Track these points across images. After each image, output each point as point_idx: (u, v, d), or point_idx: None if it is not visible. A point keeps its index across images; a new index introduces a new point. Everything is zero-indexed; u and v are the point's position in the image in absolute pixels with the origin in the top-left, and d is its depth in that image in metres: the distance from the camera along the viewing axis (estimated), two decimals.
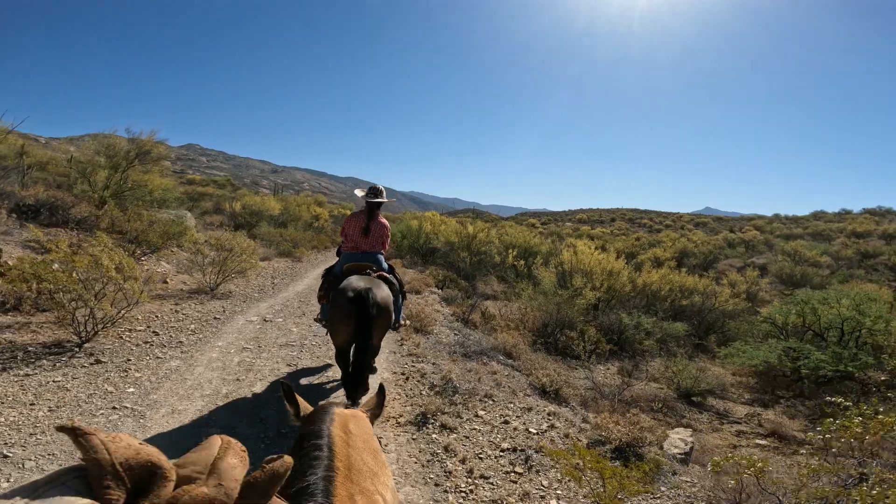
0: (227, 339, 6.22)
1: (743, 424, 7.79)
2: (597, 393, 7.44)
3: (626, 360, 10.35)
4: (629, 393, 7.84)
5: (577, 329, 9.96)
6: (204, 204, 23.32)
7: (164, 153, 12.74)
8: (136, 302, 5.61)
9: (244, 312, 7.66)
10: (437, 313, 9.08)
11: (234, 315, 7.42)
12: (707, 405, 8.42)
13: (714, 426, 7.60)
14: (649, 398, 7.95)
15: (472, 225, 19.05)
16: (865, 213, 38.43)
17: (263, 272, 11.83)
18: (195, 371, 5.04)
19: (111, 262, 5.02)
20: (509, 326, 9.49)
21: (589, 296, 10.05)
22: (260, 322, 7.14)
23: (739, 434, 7.34)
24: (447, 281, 13.69)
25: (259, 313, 7.67)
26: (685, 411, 7.89)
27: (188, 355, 5.49)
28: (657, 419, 7.40)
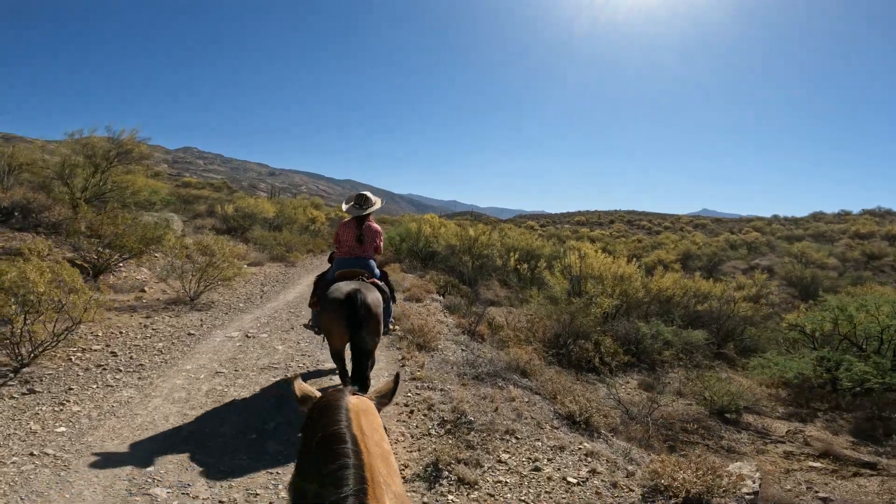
0: (198, 360, 5.23)
1: (787, 443, 6.86)
2: (624, 413, 6.49)
3: (644, 372, 9.42)
4: (659, 413, 6.89)
5: (592, 339, 9.02)
6: (198, 207, 22.31)
7: (146, 152, 11.74)
8: (78, 321, 4.61)
9: (225, 326, 6.66)
10: (441, 324, 8.11)
11: (212, 330, 6.42)
12: (743, 423, 7.48)
13: (758, 447, 6.66)
14: (682, 418, 7.00)
15: (474, 227, 18.10)
16: (865, 214, 37.68)
17: (253, 279, 10.84)
18: (151, 403, 4.06)
19: (40, 277, 4.01)
20: (519, 338, 8.53)
21: (605, 304, 9.10)
22: (241, 338, 6.15)
23: (788, 456, 6.41)
24: (449, 287, 12.72)
25: (242, 327, 6.68)
26: (722, 431, 6.96)
27: (147, 382, 4.51)
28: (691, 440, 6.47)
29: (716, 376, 8.07)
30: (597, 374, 8.75)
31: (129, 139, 11.47)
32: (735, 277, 21.64)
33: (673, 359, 9.71)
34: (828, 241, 29.86)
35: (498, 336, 8.49)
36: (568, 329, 8.86)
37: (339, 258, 4.37)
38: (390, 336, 6.68)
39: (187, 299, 7.75)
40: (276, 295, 9.30)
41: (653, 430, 6.08)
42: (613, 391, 6.93)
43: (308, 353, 5.80)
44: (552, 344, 9.10)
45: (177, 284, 7.88)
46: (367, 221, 4.40)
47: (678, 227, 41.60)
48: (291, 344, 6.12)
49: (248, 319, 7.14)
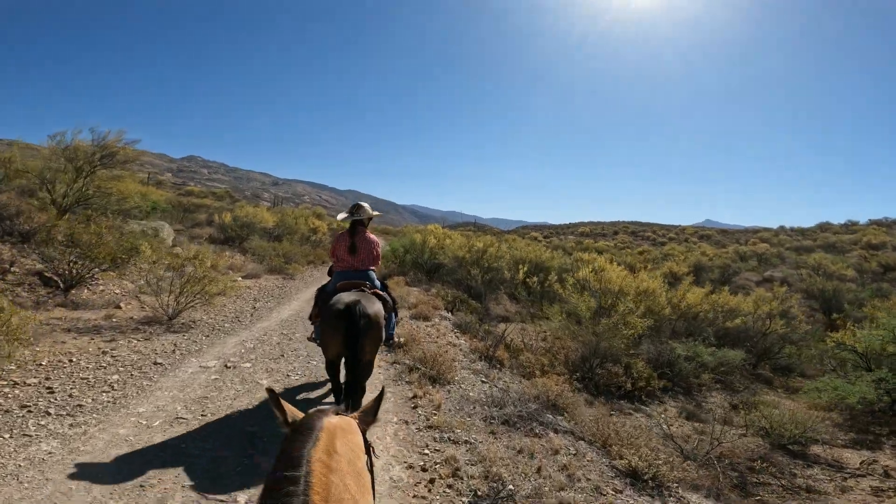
0: (158, 400, 4.09)
1: (869, 477, 5.70)
2: (678, 452, 5.34)
3: (681, 398, 8.25)
4: (718, 450, 5.72)
5: (622, 363, 7.87)
6: (198, 216, 21.27)
7: (133, 155, 10.68)
8: None
9: (201, 353, 5.52)
10: (454, 348, 6.97)
11: (185, 358, 5.28)
12: (810, 455, 6.31)
13: (838, 484, 5.49)
14: (745, 455, 5.83)
15: (481, 239, 17.00)
16: (872, 225, 36.55)
17: (246, 293, 9.71)
18: (73, 462, 2.92)
19: None
20: (542, 364, 7.38)
21: (637, 324, 7.95)
22: (218, 370, 5.00)
23: (878, 492, 5.25)
24: (457, 302, 11.58)
25: (222, 354, 5.53)
26: (791, 466, 5.79)
27: (80, 431, 3.37)
28: (762, 481, 5.30)
29: (771, 403, 6.91)
30: (629, 401, 7.60)
31: (114, 141, 10.42)
32: (753, 290, 20.49)
33: (712, 382, 8.56)
34: (839, 252, 28.69)
35: (518, 360, 7.35)
36: (594, 351, 7.71)
37: (338, 271, 4.24)
38: (398, 368, 5.55)
39: (165, 318, 6.63)
40: (268, 312, 8.16)
41: (721, 472, 4.92)
42: (663, 427, 5.75)
43: (294, 385, 4.67)
44: (575, 367, 7.96)
45: (152, 301, 6.76)
46: (362, 233, 4.26)
47: (683, 238, 40.48)
48: (279, 377, 4.97)
49: (232, 344, 6.00)
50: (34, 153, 11.76)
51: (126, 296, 7.86)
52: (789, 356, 10.09)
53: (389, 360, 5.77)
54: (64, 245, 8.11)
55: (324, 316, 3.69)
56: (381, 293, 4.13)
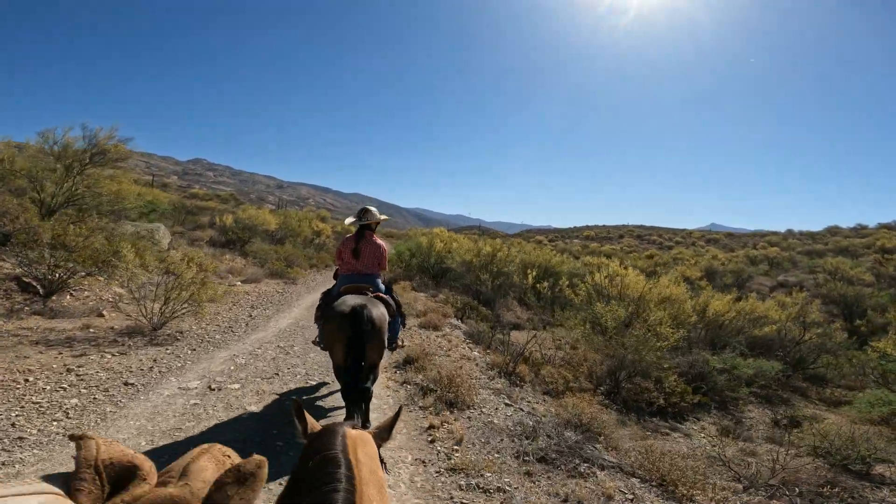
0: (118, 432, 3.32)
1: None
2: (733, 478, 4.55)
3: (715, 413, 7.46)
4: (780, 474, 4.92)
5: (652, 376, 7.08)
6: (200, 218, 20.60)
7: (125, 154, 9.98)
8: None
9: (184, 371, 4.76)
10: (469, 362, 6.20)
11: (163, 377, 4.52)
12: (874, 475, 5.50)
13: None
14: (809, 478, 5.02)
15: (489, 242, 16.23)
16: (883, 228, 35.57)
17: (244, 299, 8.97)
18: None
19: None
20: (566, 380, 6.59)
21: (671, 335, 7.15)
22: (200, 392, 4.24)
23: None
24: (467, 309, 10.81)
25: (207, 372, 4.77)
26: (860, 489, 4.99)
27: (13, 472, 2.62)
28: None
29: (817, 418, 6.13)
30: (662, 419, 6.82)
31: (106, 139, 9.73)
32: (768, 295, 19.71)
33: (749, 395, 7.75)
34: (852, 256, 27.78)
35: (540, 375, 6.56)
36: (621, 365, 6.92)
37: (343, 274, 4.16)
38: (409, 389, 4.78)
39: (149, 329, 5.89)
40: (266, 321, 7.41)
41: None
42: (718, 452, 4.95)
43: (286, 416, 3.90)
44: (599, 381, 7.19)
45: (135, 310, 6.02)
46: (369, 237, 4.16)
47: (690, 242, 39.58)
48: (272, 402, 4.21)
49: (221, 359, 5.24)
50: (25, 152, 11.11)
51: (112, 303, 7.13)
52: (826, 366, 9.27)
53: (399, 380, 5.01)
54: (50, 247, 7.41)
55: (327, 318, 3.62)
56: (385, 297, 4.02)
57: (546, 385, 6.37)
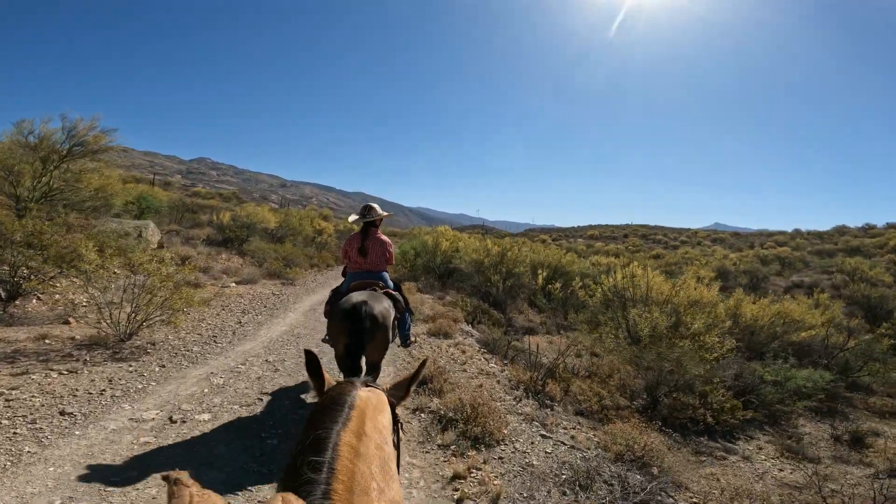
0: (27, 484, 2.37)
1: None
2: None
3: (767, 429, 6.50)
4: None
5: (696, 391, 6.12)
6: (200, 216, 19.68)
7: (105, 144, 9.02)
8: None
9: (144, 395, 3.80)
10: (489, 378, 5.24)
11: (115, 404, 3.56)
12: None
13: None
14: None
15: (498, 241, 15.26)
16: (891, 228, 34.48)
17: (235, 302, 8.01)
18: None
19: None
20: (601, 397, 5.62)
21: (720, 346, 6.18)
22: (156, 427, 3.28)
23: None
24: (478, 313, 9.85)
25: (173, 398, 3.81)
26: None
27: None
28: None
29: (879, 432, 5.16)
30: (711, 438, 5.86)
31: (86, 129, 8.79)
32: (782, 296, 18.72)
33: (802, 409, 6.78)
34: (864, 255, 26.73)
35: (570, 392, 5.60)
36: (660, 379, 5.96)
37: (351, 272, 4.11)
38: (423, 419, 3.81)
39: (115, 340, 4.94)
40: (256, 328, 6.45)
41: None
42: (815, 481, 3.98)
43: (277, 446, 2.95)
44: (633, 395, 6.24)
45: (95, 318, 5.07)
46: (374, 234, 4.07)
47: (696, 242, 38.54)
48: (250, 436, 3.24)
49: (194, 379, 4.28)
50: None
51: (88, 307, 6.18)
52: (872, 374, 8.28)
53: (410, 407, 4.04)
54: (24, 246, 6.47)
55: (332, 315, 3.63)
56: (393, 293, 3.96)
57: (578, 403, 5.41)
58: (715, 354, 5.97)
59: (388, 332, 3.41)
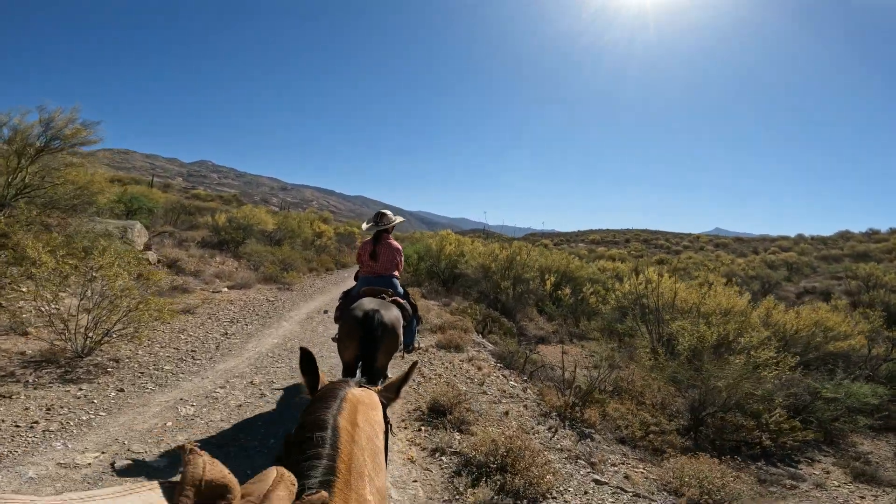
0: None
1: None
2: None
3: (826, 450, 5.63)
4: None
5: (747, 410, 5.26)
6: (198, 218, 18.83)
7: (85, 137, 8.16)
8: None
9: (87, 429, 2.93)
10: (514, 402, 4.38)
11: (43, 442, 2.68)
12: None
13: None
14: None
15: (504, 246, 14.42)
16: (895, 234, 33.73)
17: (223, 310, 7.14)
18: None
19: None
20: (645, 423, 4.76)
21: (781, 362, 5.31)
22: (92, 476, 2.40)
23: None
24: (488, 321, 8.99)
25: (123, 434, 2.93)
26: None
27: None
28: None
29: None
30: (767, 462, 5.00)
31: (66, 121, 7.94)
32: (795, 303, 17.89)
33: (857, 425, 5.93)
34: (872, 261, 25.94)
35: (602, 411, 4.73)
36: (708, 399, 5.10)
37: (362, 276, 4.16)
38: (446, 466, 2.95)
39: (71, 356, 4.08)
40: (245, 340, 5.58)
41: None
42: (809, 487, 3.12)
43: None
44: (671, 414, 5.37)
45: (47, 332, 4.21)
46: (386, 240, 4.15)
47: (699, 247, 37.75)
48: None
49: (158, 408, 3.41)
50: None
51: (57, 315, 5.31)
52: None
53: (428, 446, 3.19)
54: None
55: (343, 320, 3.55)
56: (402, 301, 3.98)
57: (618, 429, 4.55)
58: (775, 371, 5.12)
59: (396, 339, 3.44)
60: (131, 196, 14.22)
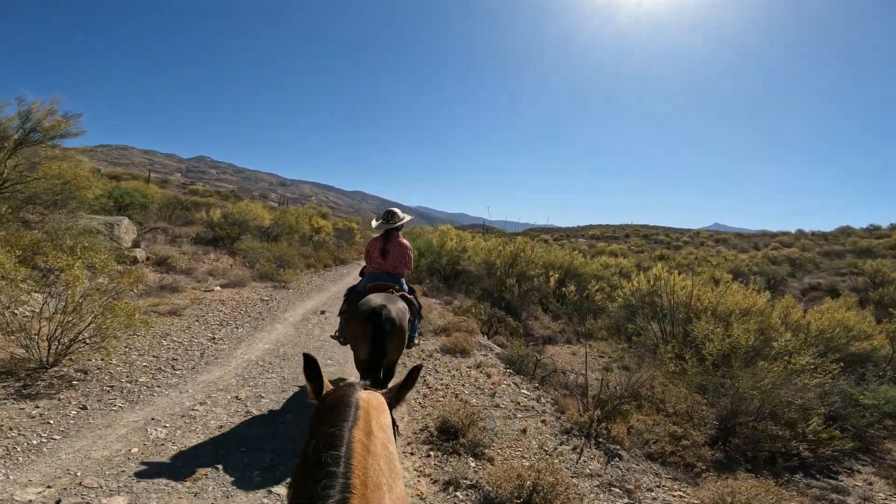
0: None
1: None
2: None
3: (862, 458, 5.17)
4: None
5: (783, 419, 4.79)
6: (195, 214, 18.29)
7: (66, 129, 7.61)
8: None
9: (34, 458, 2.42)
10: (530, 417, 3.90)
11: None
12: None
13: None
14: None
15: (508, 242, 13.94)
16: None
17: (213, 312, 6.64)
18: None
19: None
20: (673, 434, 4.29)
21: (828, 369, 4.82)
22: None
23: None
24: (493, 322, 8.50)
25: (76, 464, 2.43)
26: None
27: None
28: None
29: None
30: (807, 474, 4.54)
31: (45, 113, 7.40)
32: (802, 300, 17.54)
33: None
34: (876, 257, 25.53)
35: (627, 424, 4.26)
36: (741, 408, 4.63)
37: (369, 272, 4.11)
38: (459, 501, 2.47)
39: (34, 367, 3.59)
40: (234, 346, 5.08)
41: None
42: None
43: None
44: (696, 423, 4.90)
45: (6, 341, 3.71)
46: (396, 238, 4.13)
47: (699, 242, 37.29)
48: None
49: (121, 431, 2.91)
50: None
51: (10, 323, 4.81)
52: None
53: (440, 478, 2.71)
54: None
55: (352, 317, 3.55)
56: (408, 296, 3.95)
57: (645, 443, 4.08)
58: (817, 379, 4.65)
59: (405, 333, 3.45)
60: (122, 191, 13.69)
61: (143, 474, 2.46)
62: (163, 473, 2.49)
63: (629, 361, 8.18)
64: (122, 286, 3.63)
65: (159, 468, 2.55)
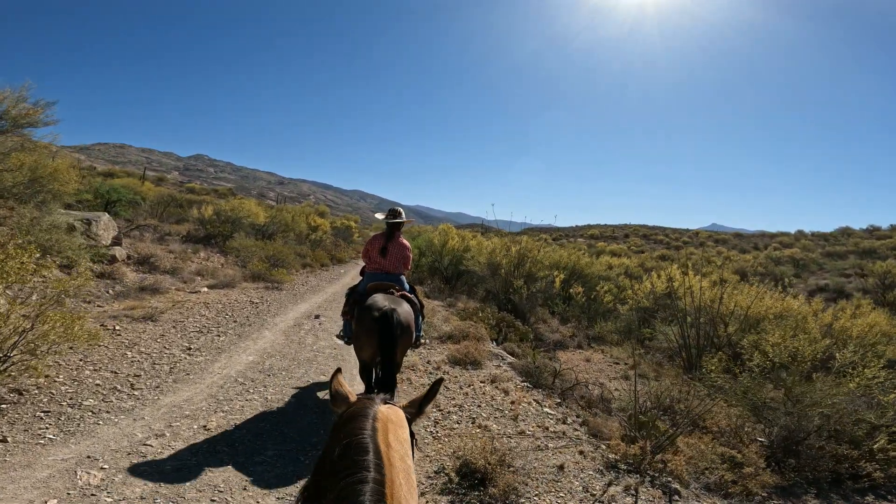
0: None
1: None
2: None
3: None
4: None
5: (846, 438, 4.10)
6: (189, 211, 17.51)
7: (37, 118, 6.85)
8: None
9: None
10: (564, 448, 3.18)
11: None
12: None
13: None
14: None
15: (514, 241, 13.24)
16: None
17: (196, 314, 5.89)
18: None
19: None
20: (731, 458, 3.58)
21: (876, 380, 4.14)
22: None
23: None
24: (502, 326, 7.78)
25: None
26: None
27: None
28: None
29: None
30: (878, 496, 3.83)
31: (14, 101, 6.64)
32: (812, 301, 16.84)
33: None
34: (879, 258, 24.99)
35: (669, 453, 3.55)
36: (808, 427, 3.93)
37: (369, 272, 4.02)
38: None
39: None
40: (213, 357, 4.33)
41: None
42: None
43: None
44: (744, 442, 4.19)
45: None
46: (396, 237, 4.05)
47: (699, 242, 36.70)
48: None
49: (43, 474, 2.13)
50: None
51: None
52: None
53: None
54: None
55: (360, 319, 3.43)
56: (410, 296, 3.87)
57: (702, 473, 3.36)
58: (892, 395, 3.96)
59: (412, 335, 3.42)
60: (109, 187, 12.91)
61: None
62: None
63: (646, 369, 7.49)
64: (66, 290, 2.88)
65: None
